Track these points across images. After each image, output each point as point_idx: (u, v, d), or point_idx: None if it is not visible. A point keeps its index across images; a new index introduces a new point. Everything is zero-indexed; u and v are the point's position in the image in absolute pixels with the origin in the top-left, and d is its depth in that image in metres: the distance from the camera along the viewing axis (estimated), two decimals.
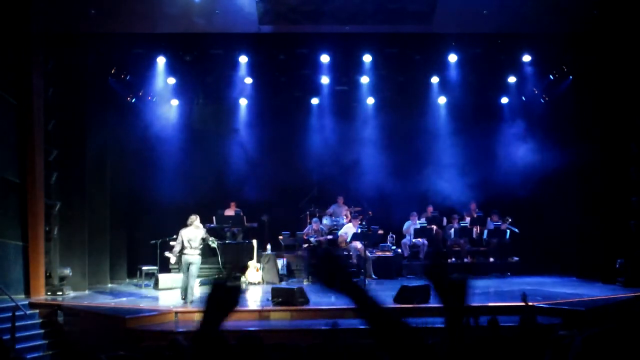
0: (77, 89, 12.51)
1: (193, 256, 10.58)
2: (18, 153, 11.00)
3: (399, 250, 14.73)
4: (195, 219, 10.79)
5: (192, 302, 10.44)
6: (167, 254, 13.12)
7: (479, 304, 9.43)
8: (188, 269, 10.52)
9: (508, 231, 14.49)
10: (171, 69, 14.24)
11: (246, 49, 13.76)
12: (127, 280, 14.19)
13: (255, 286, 12.96)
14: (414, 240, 14.74)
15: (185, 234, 10.62)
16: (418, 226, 14.78)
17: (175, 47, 13.61)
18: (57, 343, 9.49)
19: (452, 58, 14.16)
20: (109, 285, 13.32)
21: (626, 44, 11.90)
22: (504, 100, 15.77)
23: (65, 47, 12.13)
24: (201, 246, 10.81)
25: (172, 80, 14.60)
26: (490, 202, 15.01)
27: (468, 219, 15.02)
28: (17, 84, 10.95)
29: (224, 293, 1.87)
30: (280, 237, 14.23)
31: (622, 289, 11.07)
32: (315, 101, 16.11)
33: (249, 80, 14.86)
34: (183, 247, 10.56)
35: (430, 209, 15.42)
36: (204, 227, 14.38)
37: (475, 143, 15.22)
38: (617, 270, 11.58)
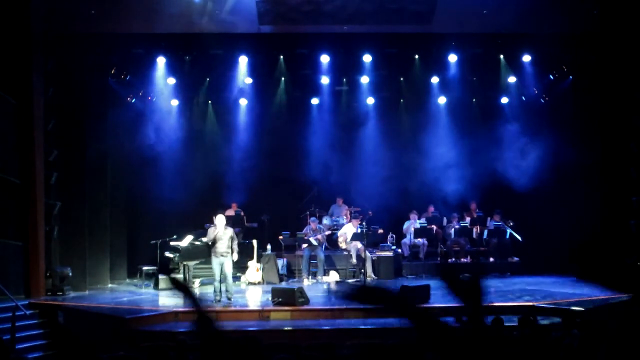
0: (77, 89, 12.51)
1: (222, 255, 10.66)
2: (18, 153, 10.99)
3: (399, 250, 14.72)
4: (217, 219, 10.97)
5: (227, 299, 10.58)
6: (167, 253, 13.13)
7: None
8: (221, 269, 10.65)
9: (508, 231, 14.48)
10: (171, 69, 14.23)
11: (246, 49, 13.75)
12: (127, 280, 14.17)
13: (255, 286, 12.97)
14: (414, 240, 14.73)
15: (209, 232, 10.92)
16: (418, 226, 14.77)
17: (175, 47, 13.60)
18: (57, 343, 9.48)
19: (452, 58, 14.16)
20: (109, 285, 13.31)
21: (626, 44, 11.91)
22: (504, 100, 15.76)
23: (65, 47, 12.14)
24: (231, 246, 10.78)
25: (172, 80, 14.59)
26: (490, 202, 15.01)
27: (468, 219, 15.02)
28: (17, 84, 10.94)
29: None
30: (280, 237, 14.22)
31: None
32: (315, 101, 16.11)
33: (249, 80, 14.86)
34: (214, 247, 10.72)
35: (431, 208, 15.41)
36: (205, 227, 14.47)
37: (475, 143, 15.21)
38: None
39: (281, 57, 14.29)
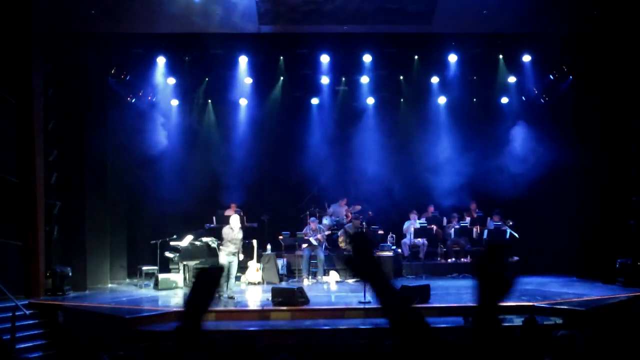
0: (77, 89, 12.52)
1: (229, 255, 11.15)
2: (18, 153, 10.99)
3: (399, 250, 14.72)
4: (232, 221, 11.31)
5: (230, 297, 10.95)
6: (167, 253, 13.13)
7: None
8: (229, 267, 11.12)
9: (508, 230, 14.47)
10: (171, 69, 14.23)
11: (246, 49, 13.76)
12: (127, 280, 14.17)
13: (255, 286, 12.97)
14: (414, 240, 14.73)
15: (226, 233, 11.21)
16: (418, 226, 14.78)
17: (175, 47, 13.60)
18: (57, 343, 9.48)
19: (452, 58, 14.16)
20: (109, 285, 13.31)
21: (626, 44, 11.90)
22: (504, 100, 15.76)
23: (65, 47, 12.13)
24: (238, 246, 11.24)
25: (172, 80, 14.60)
26: (490, 202, 15.01)
27: (468, 219, 15.02)
28: (17, 84, 10.94)
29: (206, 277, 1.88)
30: (280, 237, 14.23)
31: (622, 289, 11.07)
32: (315, 101, 16.11)
33: (249, 80, 14.86)
34: (226, 246, 11.15)
35: (431, 208, 15.42)
36: (205, 227, 14.49)
37: (475, 143, 15.21)
38: (617, 270, 11.58)
39: (281, 57, 14.29)
